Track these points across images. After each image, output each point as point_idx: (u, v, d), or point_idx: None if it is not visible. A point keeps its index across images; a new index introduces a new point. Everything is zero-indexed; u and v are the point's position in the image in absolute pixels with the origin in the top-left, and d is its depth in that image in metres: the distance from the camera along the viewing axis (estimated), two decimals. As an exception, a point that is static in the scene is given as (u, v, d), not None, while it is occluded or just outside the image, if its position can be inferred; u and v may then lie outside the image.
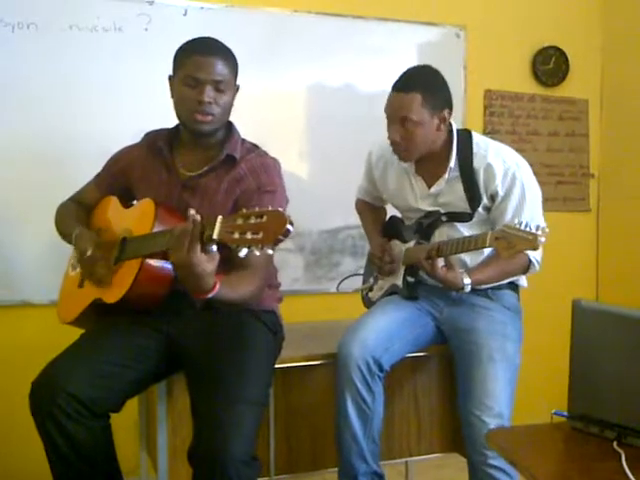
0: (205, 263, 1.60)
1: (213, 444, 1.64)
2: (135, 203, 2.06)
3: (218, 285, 1.67)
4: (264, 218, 1.46)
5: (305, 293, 3.04)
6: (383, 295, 2.35)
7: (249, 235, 1.46)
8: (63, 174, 2.62)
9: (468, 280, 2.05)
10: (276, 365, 2.01)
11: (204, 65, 1.89)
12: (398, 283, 2.29)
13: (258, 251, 1.46)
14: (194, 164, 1.98)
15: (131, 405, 1.98)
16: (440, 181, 2.19)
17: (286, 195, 2.01)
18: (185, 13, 2.85)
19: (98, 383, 1.78)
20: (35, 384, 1.79)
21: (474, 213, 2.16)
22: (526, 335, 2.22)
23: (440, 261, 2.05)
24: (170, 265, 1.75)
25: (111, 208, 2.09)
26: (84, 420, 1.75)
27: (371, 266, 2.43)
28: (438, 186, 2.20)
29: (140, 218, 1.93)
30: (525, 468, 1.45)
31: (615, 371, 1.52)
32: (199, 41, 1.96)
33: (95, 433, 1.78)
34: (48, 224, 2.15)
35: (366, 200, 2.53)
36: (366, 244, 2.55)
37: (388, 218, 2.49)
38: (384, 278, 2.37)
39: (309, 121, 3.09)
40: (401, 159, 2.20)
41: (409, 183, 2.26)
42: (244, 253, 1.47)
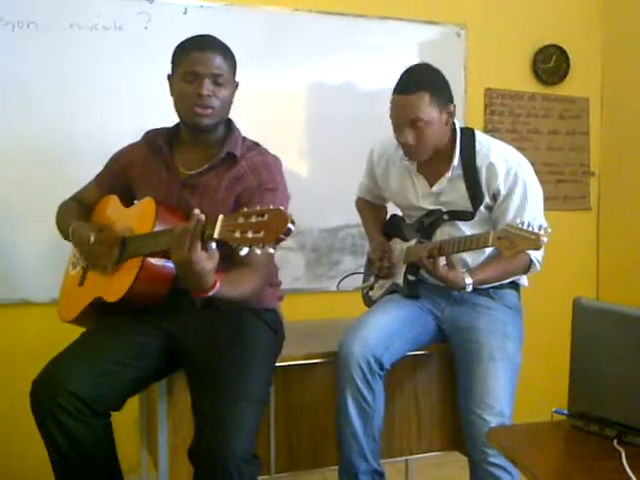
0: (205, 261, 1.60)
1: (214, 442, 1.64)
2: (136, 202, 2.06)
3: (218, 283, 1.68)
4: (265, 217, 1.46)
5: (306, 291, 3.04)
6: (384, 294, 2.35)
7: (250, 234, 1.46)
8: (63, 173, 2.62)
9: (470, 280, 2.05)
10: (277, 363, 2.01)
11: (202, 59, 1.89)
12: (399, 282, 2.29)
13: (259, 250, 1.46)
14: (194, 162, 1.98)
15: (132, 403, 1.98)
16: (442, 179, 2.19)
17: (287, 193, 2.00)
18: (185, 11, 2.85)
19: (99, 381, 1.78)
20: (36, 382, 1.79)
21: (476, 212, 2.16)
22: (527, 334, 2.22)
23: (442, 260, 2.04)
24: (171, 264, 1.75)
25: (111, 207, 2.09)
26: (85, 418, 1.75)
27: (370, 268, 2.43)
28: (440, 184, 2.20)
29: (141, 217, 1.92)
30: (526, 466, 1.45)
31: (615, 370, 1.52)
32: (197, 38, 1.96)
33: (96, 431, 1.78)
34: (48, 223, 2.14)
35: (366, 198, 2.52)
36: (366, 243, 2.55)
37: (389, 217, 2.49)
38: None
39: (309, 120, 3.09)
40: (412, 160, 2.19)
41: (411, 182, 2.26)
42: (245, 252, 1.47)
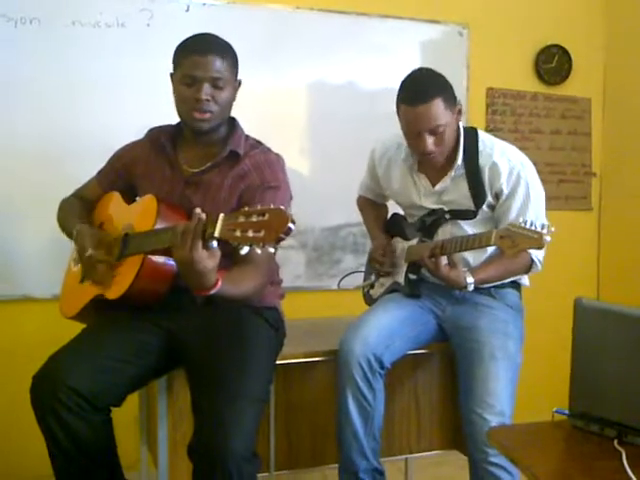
0: (206, 260, 1.60)
1: (214, 440, 1.63)
2: (138, 199, 2.06)
3: (220, 282, 1.68)
4: (266, 216, 1.46)
5: (307, 290, 3.04)
6: (384, 292, 2.35)
7: (251, 233, 1.46)
8: (65, 169, 2.63)
9: (471, 279, 2.05)
10: (277, 361, 2.01)
11: (201, 64, 1.88)
12: (400, 281, 2.29)
13: (260, 249, 1.46)
14: (197, 160, 1.98)
15: (132, 400, 1.98)
16: (445, 179, 2.18)
17: (290, 191, 2.00)
18: (187, 9, 2.85)
19: (99, 378, 1.78)
20: (36, 378, 1.79)
21: (478, 211, 2.16)
22: (527, 333, 2.22)
23: (443, 259, 2.04)
24: (171, 261, 1.75)
25: (113, 204, 2.09)
26: (85, 414, 1.75)
27: (371, 266, 2.43)
28: (443, 183, 2.19)
29: (142, 214, 1.92)
30: (526, 466, 1.45)
31: (616, 370, 1.52)
32: (197, 39, 1.94)
33: (96, 427, 1.78)
34: (50, 219, 2.14)
35: (368, 197, 2.52)
36: (367, 241, 2.55)
37: (390, 215, 2.48)
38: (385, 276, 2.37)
39: (311, 118, 3.09)
40: (433, 163, 2.16)
41: (413, 181, 2.26)
42: (245, 251, 1.48)
